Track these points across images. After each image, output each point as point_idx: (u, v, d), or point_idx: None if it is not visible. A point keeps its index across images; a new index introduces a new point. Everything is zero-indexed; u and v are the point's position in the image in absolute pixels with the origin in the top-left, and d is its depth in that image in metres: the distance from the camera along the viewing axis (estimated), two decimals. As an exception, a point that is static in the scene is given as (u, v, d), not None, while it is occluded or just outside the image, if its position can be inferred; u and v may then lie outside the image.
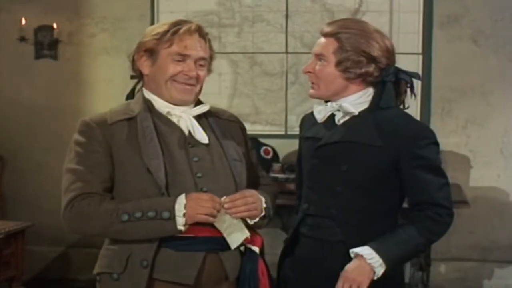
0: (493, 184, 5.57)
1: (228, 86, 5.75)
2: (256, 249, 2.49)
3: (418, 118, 5.42)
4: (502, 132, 5.53)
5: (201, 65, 2.49)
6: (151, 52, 2.46)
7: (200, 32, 2.49)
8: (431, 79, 5.49)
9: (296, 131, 2.84)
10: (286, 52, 5.69)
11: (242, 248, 2.47)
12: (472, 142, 5.57)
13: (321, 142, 2.55)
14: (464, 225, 5.56)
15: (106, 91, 5.77)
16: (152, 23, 5.49)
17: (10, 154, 6.02)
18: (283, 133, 5.65)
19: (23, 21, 5.80)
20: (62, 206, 2.38)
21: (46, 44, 5.91)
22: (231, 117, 2.69)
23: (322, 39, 2.57)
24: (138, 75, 2.56)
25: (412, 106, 5.80)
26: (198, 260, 2.37)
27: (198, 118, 2.52)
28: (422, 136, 2.47)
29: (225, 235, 2.39)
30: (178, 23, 2.47)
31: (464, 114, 5.56)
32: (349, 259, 2.45)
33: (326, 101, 2.62)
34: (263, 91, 5.74)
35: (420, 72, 5.38)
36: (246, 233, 2.42)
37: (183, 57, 2.45)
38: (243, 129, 2.70)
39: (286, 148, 5.48)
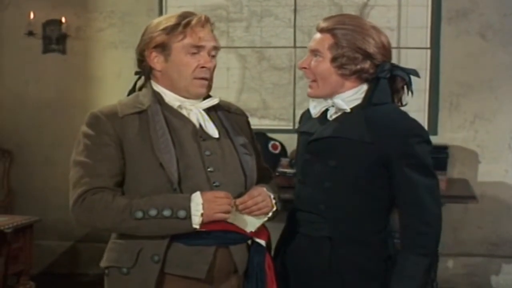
0: (501, 179, 5.56)
1: (236, 80, 5.75)
2: (262, 242, 2.48)
3: (426, 112, 5.41)
4: (511, 127, 5.52)
5: (213, 56, 2.47)
6: (162, 47, 2.42)
7: (210, 22, 2.47)
8: (439, 73, 5.47)
9: (305, 126, 2.84)
10: (295, 47, 5.68)
11: (249, 241, 2.47)
12: (480, 137, 5.56)
13: (313, 137, 2.54)
14: (471, 220, 5.56)
15: (114, 86, 5.78)
16: (160, 17, 5.50)
17: (18, 149, 6.03)
18: (291, 127, 5.63)
19: (32, 16, 5.82)
20: (71, 200, 2.34)
21: (54, 39, 5.92)
22: (238, 110, 2.68)
23: (318, 35, 2.53)
24: (147, 72, 2.51)
25: (420, 101, 5.78)
26: (209, 254, 2.37)
27: (208, 111, 2.50)
28: (413, 134, 2.41)
29: (241, 226, 2.39)
30: (185, 15, 2.44)
31: (472, 109, 5.54)
32: (334, 255, 2.45)
33: None
34: (271, 86, 5.74)
35: (428, 67, 5.40)
36: (263, 218, 2.43)
37: (197, 49, 2.41)
38: (248, 122, 2.70)
39: (294, 143, 5.36)
